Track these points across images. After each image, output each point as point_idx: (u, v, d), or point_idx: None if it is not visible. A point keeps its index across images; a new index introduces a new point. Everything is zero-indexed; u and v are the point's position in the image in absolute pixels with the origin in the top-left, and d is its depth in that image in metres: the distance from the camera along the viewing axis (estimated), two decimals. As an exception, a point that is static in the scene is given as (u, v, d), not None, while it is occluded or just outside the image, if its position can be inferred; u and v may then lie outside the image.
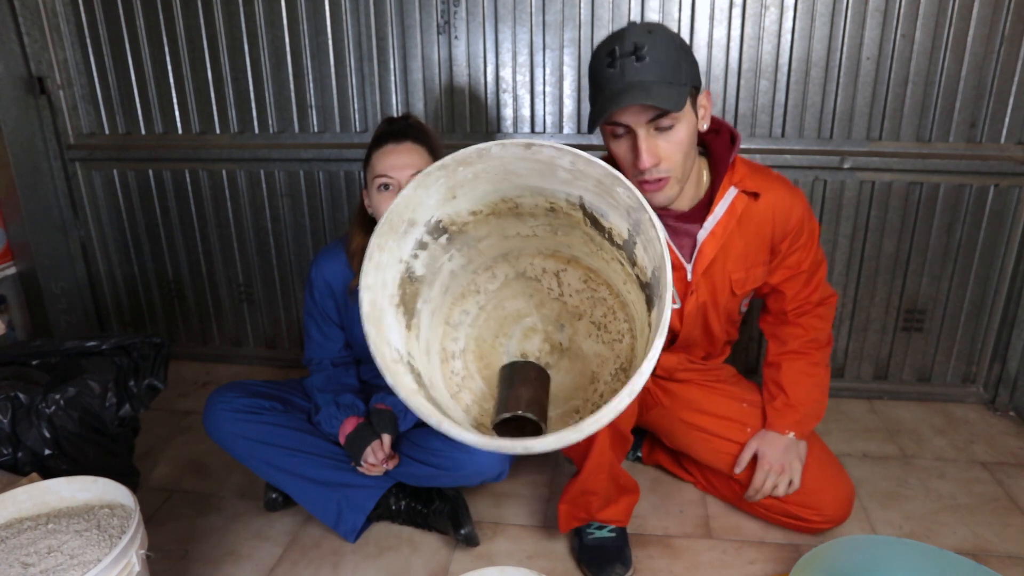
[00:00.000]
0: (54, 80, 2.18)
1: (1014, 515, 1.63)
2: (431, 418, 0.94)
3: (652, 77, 1.17)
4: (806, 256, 1.47)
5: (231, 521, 1.63)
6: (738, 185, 1.37)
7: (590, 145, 2.00)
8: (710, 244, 1.39)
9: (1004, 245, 1.97)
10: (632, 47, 1.17)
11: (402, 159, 1.47)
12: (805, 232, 1.44)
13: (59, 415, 1.44)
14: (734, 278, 1.44)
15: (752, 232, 1.40)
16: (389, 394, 1.60)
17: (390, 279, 1.07)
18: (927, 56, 1.83)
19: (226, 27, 2.06)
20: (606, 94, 1.21)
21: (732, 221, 1.38)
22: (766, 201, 1.39)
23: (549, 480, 1.77)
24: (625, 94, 1.17)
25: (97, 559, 1.06)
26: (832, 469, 1.53)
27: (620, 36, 1.21)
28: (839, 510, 1.49)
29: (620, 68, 1.18)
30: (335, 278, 1.62)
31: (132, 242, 2.36)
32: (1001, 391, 2.09)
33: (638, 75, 1.17)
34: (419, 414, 0.95)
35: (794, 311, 1.52)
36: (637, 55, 1.17)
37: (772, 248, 1.44)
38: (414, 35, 1.99)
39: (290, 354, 2.41)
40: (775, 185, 1.41)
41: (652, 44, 1.17)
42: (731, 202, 1.37)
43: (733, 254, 1.41)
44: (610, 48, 1.20)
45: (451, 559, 1.50)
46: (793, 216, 1.41)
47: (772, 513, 1.52)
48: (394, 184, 1.47)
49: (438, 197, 1.05)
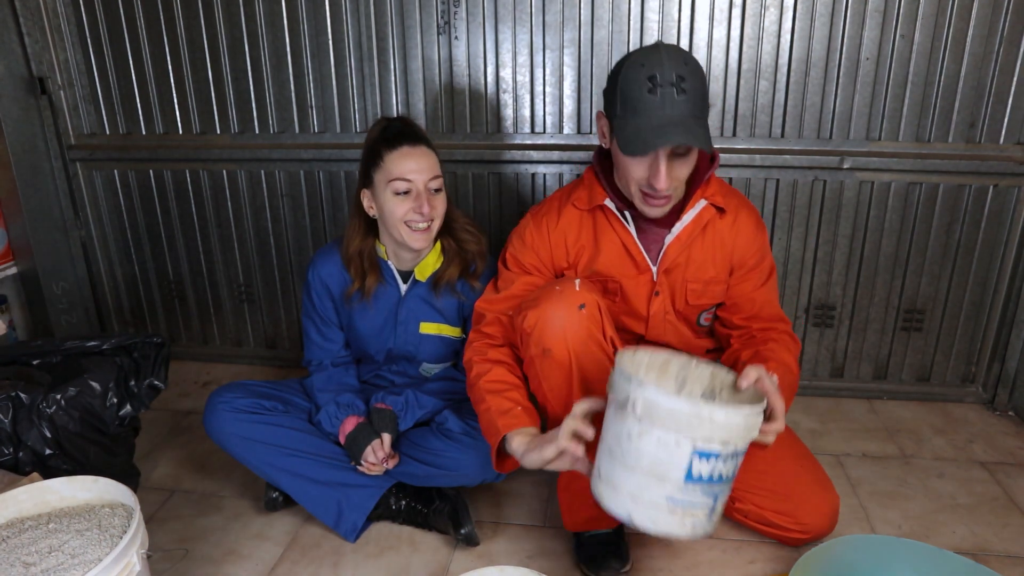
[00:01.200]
0: (55, 80, 2.18)
1: (1013, 515, 1.63)
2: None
3: (690, 112, 1.23)
4: (756, 292, 1.47)
5: (231, 521, 1.63)
6: (709, 199, 1.42)
7: (589, 145, 2.01)
8: (674, 247, 1.43)
9: (1003, 245, 1.98)
10: (674, 77, 1.22)
11: (421, 163, 1.47)
12: (762, 266, 1.47)
13: (60, 415, 1.45)
14: (691, 287, 1.47)
15: (715, 246, 1.45)
16: (389, 394, 1.61)
17: None
18: (926, 56, 1.83)
19: (226, 27, 2.07)
20: (647, 122, 1.24)
21: (697, 229, 1.42)
22: (731, 221, 1.44)
23: (549, 480, 1.77)
24: (669, 131, 1.22)
25: (98, 559, 1.07)
26: (816, 479, 1.48)
27: (658, 60, 1.23)
28: (819, 521, 1.45)
29: (662, 98, 1.22)
30: (332, 280, 1.62)
31: (133, 242, 2.36)
32: (1000, 391, 2.09)
33: (678, 108, 1.22)
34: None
35: (761, 331, 1.46)
36: (678, 87, 1.22)
37: (731, 270, 1.47)
38: (414, 35, 1.99)
39: (290, 354, 2.41)
40: (743, 209, 1.46)
41: (691, 76, 1.23)
42: (699, 212, 1.42)
43: (693, 264, 1.45)
44: (651, 73, 1.23)
45: (451, 559, 1.50)
46: (755, 244, 1.46)
47: (751, 520, 1.50)
48: (413, 188, 1.47)
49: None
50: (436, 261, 1.59)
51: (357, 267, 1.58)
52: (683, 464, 1.02)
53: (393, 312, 1.62)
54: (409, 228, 1.49)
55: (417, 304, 1.62)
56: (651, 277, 1.46)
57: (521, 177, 2.08)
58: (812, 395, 2.18)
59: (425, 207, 1.46)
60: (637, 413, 1.03)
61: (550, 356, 1.30)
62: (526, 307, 1.33)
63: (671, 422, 1.01)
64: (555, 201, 1.50)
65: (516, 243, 1.49)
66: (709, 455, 1.02)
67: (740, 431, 1.03)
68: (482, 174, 2.09)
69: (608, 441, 1.10)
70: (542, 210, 1.50)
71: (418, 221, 1.48)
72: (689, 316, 1.52)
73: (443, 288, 1.59)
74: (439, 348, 1.66)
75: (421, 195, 1.47)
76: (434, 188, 1.49)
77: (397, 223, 1.49)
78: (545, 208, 1.50)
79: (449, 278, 1.58)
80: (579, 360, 1.30)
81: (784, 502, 1.45)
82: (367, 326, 1.64)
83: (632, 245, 1.43)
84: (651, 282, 1.46)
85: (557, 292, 1.31)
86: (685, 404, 1.00)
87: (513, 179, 2.09)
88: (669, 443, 1.02)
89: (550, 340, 1.29)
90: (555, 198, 1.51)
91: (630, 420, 1.04)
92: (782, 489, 1.46)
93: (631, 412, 1.03)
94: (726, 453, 1.03)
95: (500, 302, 1.45)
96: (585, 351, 1.30)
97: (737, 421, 1.02)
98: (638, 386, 1.03)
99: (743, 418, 1.02)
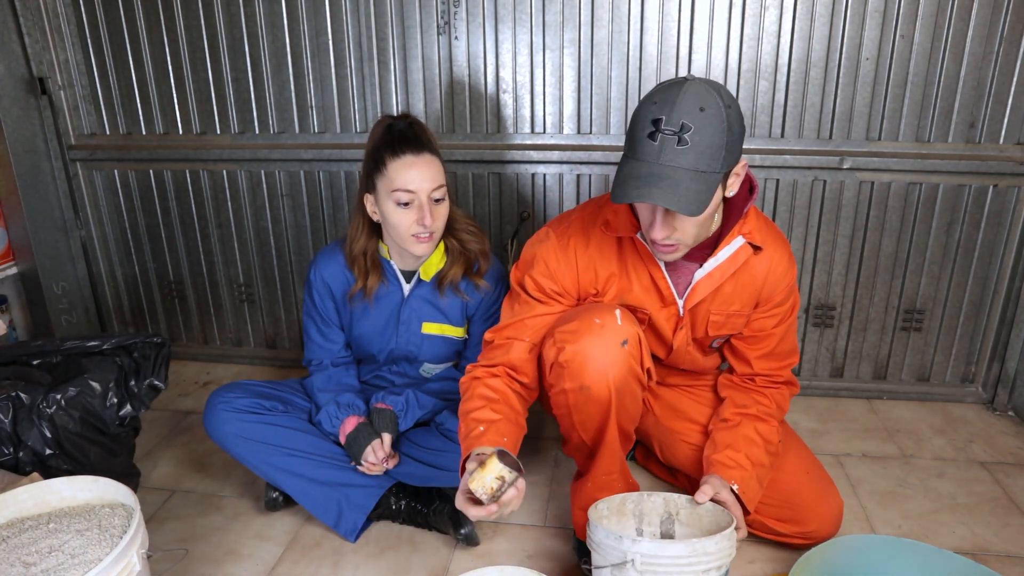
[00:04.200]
0: (55, 80, 2.18)
1: (1013, 514, 1.63)
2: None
3: (691, 164, 1.12)
4: (777, 327, 1.45)
5: (232, 521, 1.63)
6: (746, 236, 1.35)
7: (589, 145, 2.01)
8: (705, 284, 1.37)
9: (1003, 245, 1.98)
10: (679, 126, 1.11)
11: (424, 172, 1.44)
12: (788, 303, 1.44)
13: (60, 415, 1.45)
14: (712, 319, 1.42)
15: (745, 282, 1.39)
16: (389, 394, 1.61)
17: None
18: (926, 57, 1.83)
19: (226, 27, 2.07)
20: (636, 170, 1.14)
21: (731, 268, 1.36)
22: (765, 258, 1.38)
23: (549, 480, 1.77)
24: (654, 186, 1.12)
25: (98, 558, 1.07)
26: (819, 487, 1.47)
27: (671, 101, 1.12)
28: (824, 527, 1.44)
29: (659, 145, 1.12)
30: (334, 280, 1.62)
31: (133, 242, 2.37)
32: (1000, 391, 2.09)
33: (673, 159, 1.12)
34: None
35: (763, 378, 1.48)
36: (680, 137, 1.11)
37: (757, 304, 1.43)
38: (414, 35, 2.00)
39: (290, 354, 2.41)
40: (778, 245, 1.40)
41: (700, 127, 1.11)
42: (735, 251, 1.35)
43: (720, 298, 1.40)
44: (657, 115, 1.12)
45: (451, 559, 1.50)
46: (784, 282, 1.41)
47: (755, 530, 1.50)
48: (415, 199, 1.45)
49: None
50: (440, 261, 1.59)
51: (361, 266, 1.58)
52: None
53: (395, 312, 1.62)
54: (413, 238, 1.48)
55: (420, 304, 1.62)
56: (677, 311, 1.41)
57: (521, 177, 2.08)
58: (812, 395, 2.18)
59: (427, 218, 1.44)
60: (639, 568, 1.12)
61: (587, 392, 1.27)
62: (562, 337, 1.27)
63: (673, 567, 1.12)
64: (579, 221, 1.40)
65: (540, 267, 1.38)
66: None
67: (728, 551, 1.16)
68: (482, 174, 2.09)
69: None
70: (568, 230, 1.39)
71: (420, 232, 1.47)
72: (703, 343, 1.50)
73: (447, 288, 1.59)
74: (441, 348, 1.66)
75: (424, 206, 1.45)
76: (436, 198, 1.47)
77: (401, 234, 1.48)
78: (571, 228, 1.39)
79: (453, 278, 1.58)
80: (619, 397, 1.28)
81: (789, 512, 1.45)
82: (369, 326, 1.64)
83: (660, 279, 1.37)
84: (677, 316, 1.42)
85: (598, 326, 1.25)
86: (682, 547, 1.12)
87: (513, 179, 2.09)
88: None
89: (590, 378, 1.25)
90: (578, 217, 1.41)
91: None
92: (787, 501, 1.45)
93: (631, 569, 1.13)
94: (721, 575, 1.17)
95: (513, 328, 1.38)
96: (625, 388, 1.28)
97: (724, 544, 1.15)
98: (632, 544, 1.13)
99: (728, 540, 1.16)
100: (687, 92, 1.12)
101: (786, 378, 1.50)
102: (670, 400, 1.61)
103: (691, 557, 1.12)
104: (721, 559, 1.14)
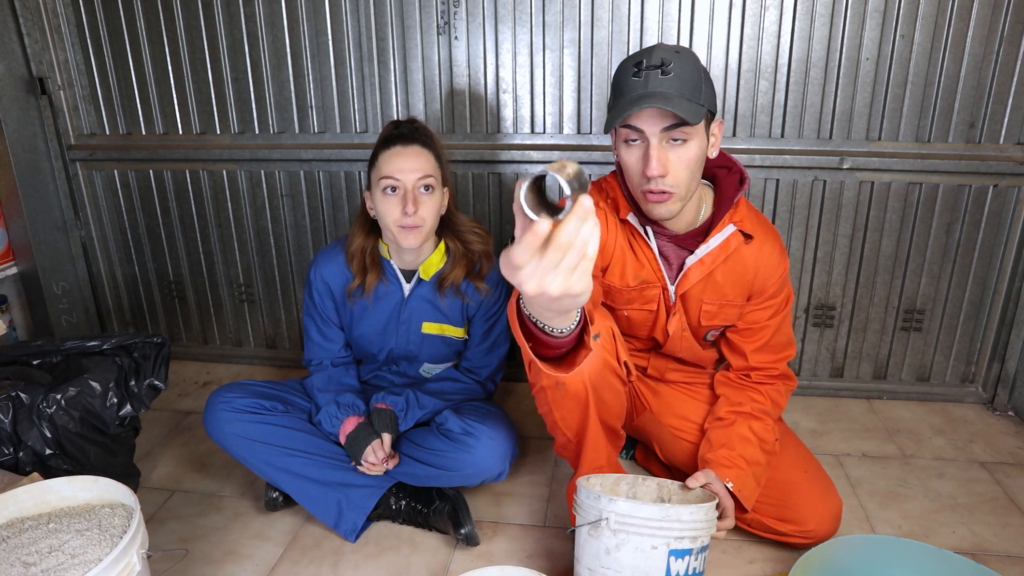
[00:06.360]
0: (55, 80, 2.18)
1: (1013, 514, 1.63)
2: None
3: (674, 90, 1.22)
4: (772, 319, 1.47)
5: (231, 521, 1.63)
6: (737, 224, 1.39)
7: (589, 146, 2.01)
8: (696, 270, 1.40)
9: (1003, 245, 1.98)
10: (659, 61, 1.22)
11: (409, 162, 1.47)
12: (781, 295, 1.46)
13: (60, 415, 1.45)
14: (705, 308, 1.45)
15: (736, 272, 1.42)
16: (389, 394, 1.61)
17: None
18: (926, 57, 1.83)
19: (226, 27, 2.07)
20: (627, 99, 1.23)
21: (722, 255, 1.40)
22: (756, 247, 1.41)
23: (549, 480, 1.77)
24: (646, 99, 1.20)
25: (98, 558, 1.07)
26: (818, 486, 1.47)
27: (648, 51, 1.25)
28: (823, 527, 1.44)
29: (645, 78, 1.22)
30: (334, 279, 1.62)
31: (133, 242, 2.36)
32: (1000, 391, 2.09)
33: (661, 86, 1.22)
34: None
35: (759, 372, 1.51)
36: (663, 69, 1.22)
37: (749, 295, 1.46)
38: (414, 35, 2.00)
39: (290, 354, 2.41)
40: (769, 237, 1.44)
41: (678, 61, 1.22)
42: (726, 238, 1.39)
43: (711, 286, 1.43)
44: (637, 60, 1.24)
45: (451, 559, 1.50)
46: (776, 273, 1.44)
47: (754, 529, 1.50)
48: (400, 187, 1.47)
49: None
50: (440, 260, 1.59)
51: (359, 264, 1.59)
52: (662, 566, 1.17)
53: (396, 311, 1.63)
54: (400, 228, 1.49)
55: (420, 304, 1.62)
56: (669, 296, 1.44)
57: (521, 177, 2.08)
58: (812, 395, 2.18)
59: (410, 206, 1.46)
60: (612, 527, 1.16)
61: (563, 388, 1.29)
62: None
63: (645, 528, 1.16)
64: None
65: None
66: (683, 553, 1.18)
67: (704, 525, 1.19)
68: (482, 174, 2.09)
69: (585, 562, 1.22)
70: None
71: (406, 221, 1.48)
72: (697, 334, 1.52)
73: (447, 289, 1.59)
74: (440, 348, 1.66)
75: (408, 194, 1.47)
76: (423, 187, 1.49)
77: (388, 222, 1.50)
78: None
79: (454, 279, 1.58)
80: (596, 391, 1.30)
81: (787, 511, 1.45)
82: (369, 325, 1.64)
83: (652, 261, 1.41)
84: (669, 301, 1.45)
85: None
86: (655, 509, 1.16)
87: (513, 179, 2.09)
88: (646, 548, 1.17)
89: (563, 374, 1.27)
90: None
91: (606, 535, 1.17)
92: (785, 500, 1.45)
93: (605, 527, 1.16)
94: (696, 548, 1.20)
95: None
96: (601, 380, 1.30)
97: (700, 516, 1.18)
98: (609, 502, 1.17)
99: (704, 513, 1.19)
100: (660, 45, 1.27)
101: (782, 371, 1.51)
102: (668, 397, 1.62)
103: (663, 521, 1.15)
104: (696, 530, 1.18)
